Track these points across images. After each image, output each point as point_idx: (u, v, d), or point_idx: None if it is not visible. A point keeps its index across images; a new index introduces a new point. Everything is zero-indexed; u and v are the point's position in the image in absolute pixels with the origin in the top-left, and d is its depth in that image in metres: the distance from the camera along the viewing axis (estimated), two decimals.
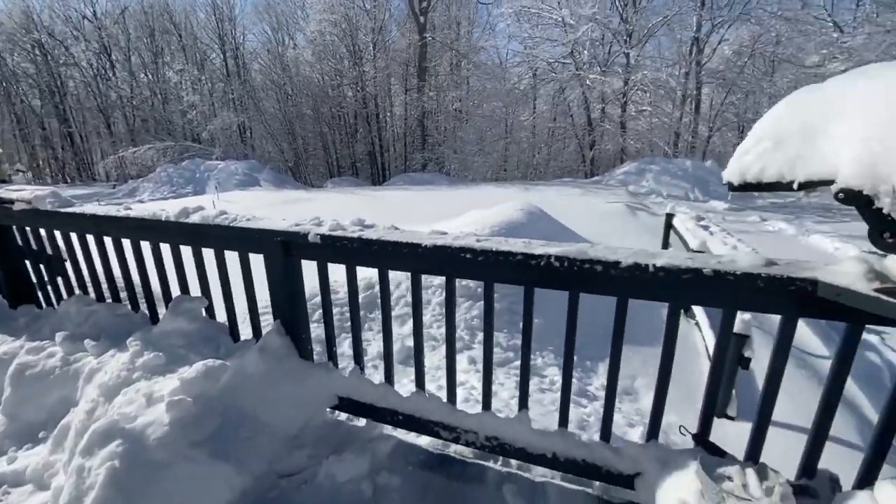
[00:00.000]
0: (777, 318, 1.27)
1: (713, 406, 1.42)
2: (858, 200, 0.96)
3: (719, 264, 1.20)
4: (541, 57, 19.44)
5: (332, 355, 2.01)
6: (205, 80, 25.85)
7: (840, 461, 1.42)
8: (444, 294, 3.96)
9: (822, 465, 1.41)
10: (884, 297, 0.98)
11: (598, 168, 20.35)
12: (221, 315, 2.25)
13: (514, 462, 1.91)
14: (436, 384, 2.61)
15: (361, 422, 2.06)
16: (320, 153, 25.67)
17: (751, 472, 1.13)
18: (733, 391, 2.93)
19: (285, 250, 1.84)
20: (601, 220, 9.15)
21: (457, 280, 1.61)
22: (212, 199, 10.89)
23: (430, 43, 22.06)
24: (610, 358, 1.50)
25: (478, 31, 25.46)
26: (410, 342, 3.22)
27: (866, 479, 1.29)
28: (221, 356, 2.04)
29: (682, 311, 4.60)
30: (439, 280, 3.98)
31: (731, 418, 2.88)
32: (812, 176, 1.06)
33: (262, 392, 1.94)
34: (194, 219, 2.03)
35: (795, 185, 1.10)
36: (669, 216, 5.92)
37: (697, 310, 4.13)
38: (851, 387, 3.55)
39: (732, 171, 1.21)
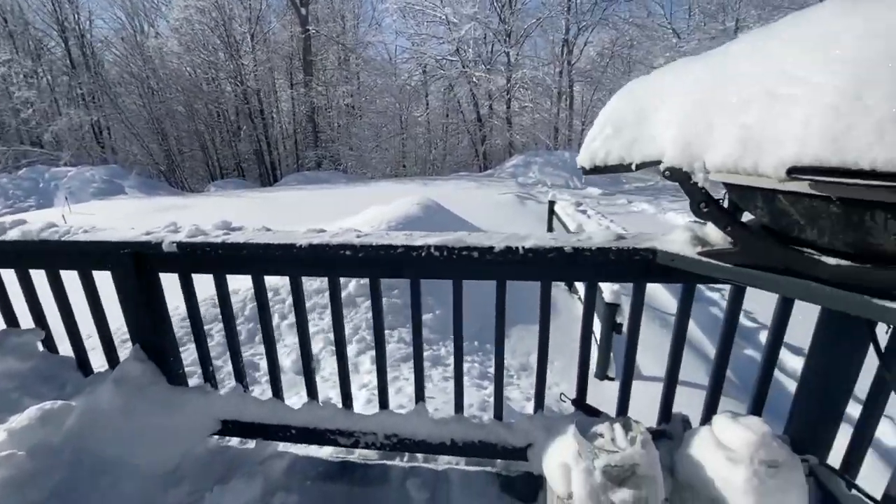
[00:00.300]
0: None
1: (586, 372, 1.55)
2: (680, 176, 1.11)
3: (578, 242, 1.31)
4: (428, 54, 19.75)
5: (209, 376, 1.81)
6: (42, 72, 21.67)
7: (696, 404, 1.65)
8: (342, 295, 3.84)
9: (679, 408, 1.63)
10: (704, 259, 1.14)
11: (491, 162, 21.34)
12: (66, 347, 1.90)
13: (419, 455, 1.92)
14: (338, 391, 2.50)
15: (251, 443, 1.90)
16: (198, 154, 23.16)
17: (618, 427, 1.25)
18: (611, 355, 3.28)
19: (137, 264, 1.59)
20: (495, 211, 9.63)
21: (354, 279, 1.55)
22: (62, 213, 9.18)
23: (314, 36, 21.10)
24: (495, 341, 1.55)
25: (364, 25, 25.00)
26: (316, 351, 3.08)
27: (708, 415, 1.52)
28: (67, 395, 1.72)
29: (567, 287, 5.04)
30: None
31: (612, 379, 3.22)
32: (645, 157, 1.19)
33: (123, 430, 1.68)
34: (12, 235, 1.67)
35: (633, 167, 1.23)
36: (551, 203, 6.43)
37: (579, 285, 4.54)
38: (702, 338, 4.20)
39: (584, 157, 1.31)
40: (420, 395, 1.69)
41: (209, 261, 1.53)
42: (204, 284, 1.75)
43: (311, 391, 1.77)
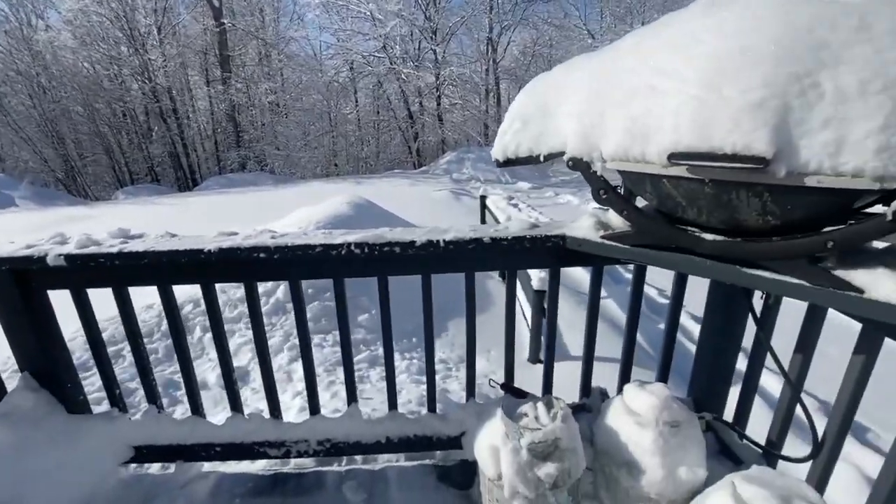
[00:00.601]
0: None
1: (512, 357, 1.62)
2: (581, 166, 1.18)
3: (496, 232, 1.36)
4: (355, 50, 19.34)
5: (116, 401, 1.65)
6: None
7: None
8: (270, 301, 3.66)
9: (605, 383, 1.74)
10: (607, 242, 1.23)
11: (425, 159, 21.41)
12: None
13: (358, 458, 1.89)
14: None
15: (171, 468, 1.76)
16: (102, 158, 20.93)
17: (541, 405, 1.32)
18: (542, 339, 3.43)
19: (19, 282, 1.41)
20: (430, 207, 9.67)
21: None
22: None
23: (230, 30, 19.83)
24: (424, 334, 1.57)
25: (285, 20, 23.90)
26: (246, 363, 2.91)
27: (622, 386, 1.63)
28: None
29: (501, 278, 5.20)
30: (261, 288, 3.65)
31: (542, 361, 3.37)
32: (551, 149, 1.26)
33: (17, 470, 1.48)
34: None
35: (542, 158, 1.30)
36: (483, 198, 6.59)
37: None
38: (622, 317, 4.51)
39: (497, 150, 1.36)
40: (352, 397, 1.66)
41: (106, 273, 1.39)
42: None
43: (236, 405, 1.68)
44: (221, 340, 1.57)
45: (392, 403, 1.67)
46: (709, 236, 1.03)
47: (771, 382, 2.98)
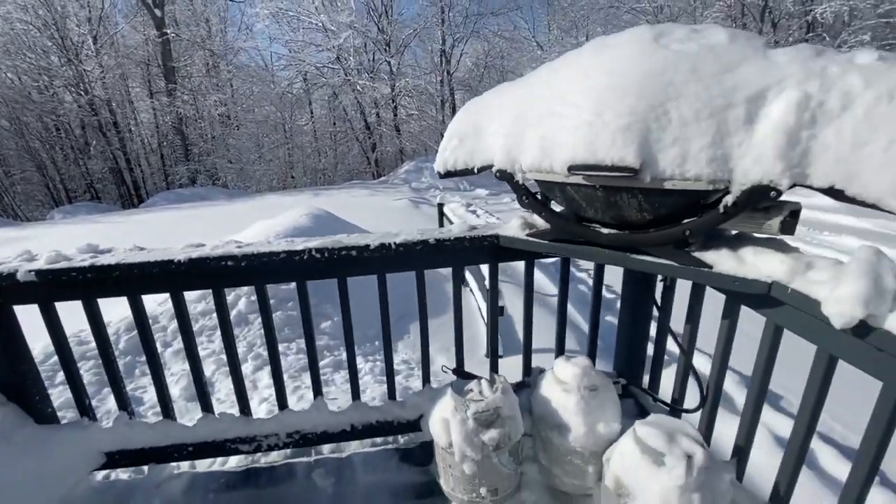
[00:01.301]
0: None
1: (461, 346, 1.83)
2: (506, 177, 1.41)
3: (440, 234, 1.57)
4: (308, 61, 19.24)
5: (85, 410, 1.72)
6: None
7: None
8: (233, 313, 3.69)
9: (543, 364, 1.97)
10: (531, 239, 1.47)
11: (384, 169, 21.50)
12: None
13: (327, 448, 2.03)
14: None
15: (144, 470, 1.83)
16: (34, 176, 19.56)
17: (484, 382, 1.53)
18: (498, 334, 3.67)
19: None
20: (390, 216, 9.80)
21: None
22: None
23: (174, 40, 19.18)
24: (382, 329, 1.74)
25: (233, 30, 23.40)
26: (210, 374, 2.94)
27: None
28: None
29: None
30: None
31: (501, 356, 3.61)
32: (483, 162, 1.49)
33: None
34: None
35: (476, 170, 1.53)
36: (440, 205, 6.83)
37: (469, 277, 4.94)
38: (572, 311, 4.85)
39: (438, 164, 1.58)
40: (318, 391, 1.81)
41: (76, 286, 1.48)
42: (72, 317, 1.66)
43: (206, 406, 1.78)
44: (192, 346, 1.68)
45: (355, 394, 1.83)
46: (605, 230, 1.29)
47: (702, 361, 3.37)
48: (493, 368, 1.87)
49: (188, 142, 20.26)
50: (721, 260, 1.12)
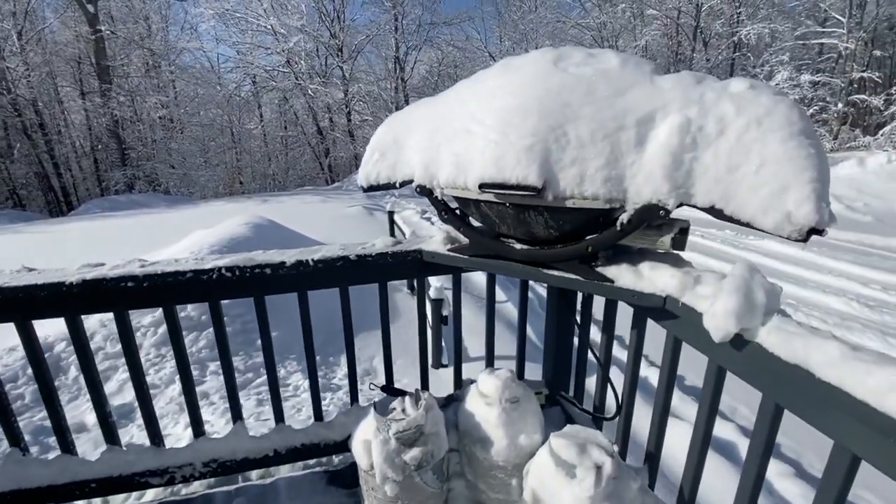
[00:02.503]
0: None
1: (390, 361, 1.80)
2: (426, 192, 1.41)
3: (363, 250, 1.53)
4: (257, 64, 18.64)
5: None
6: None
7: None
8: (160, 332, 3.47)
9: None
10: (452, 254, 1.47)
11: (338, 174, 21.13)
12: None
13: (254, 474, 1.92)
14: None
15: None
16: None
17: (408, 399, 1.50)
18: (443, 344, 3.67)
19: None
20: (341, 224, 9.62)
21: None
22: None
23: (108, 38, 18.03)
24: (304, 348, 1.68)
25: (175, 29, 22.31)
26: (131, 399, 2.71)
27: None
28: None
29: (409, 290, 5.39)
30: (149, 319, 3.46)
31: (445, 366, 3.61)
32: (405, 177, 1.47)
33: None
34: None
35: (398, 184, 1.51)
36: (391, 213, 6.77)
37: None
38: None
39: (361, 177, 1.55)
40: (237, 415, 1.71)
41: None
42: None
43: (111, 437, 1.64)
44: (93, 375, 1.54)
45: (278, 417, 1.76)
46: (518, 246, 1.31)
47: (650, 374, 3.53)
48: (424, 384, 1.85)
49: (125, 145, 19.01)
50: (622, 274, 1.16)
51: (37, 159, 17.96)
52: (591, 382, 1.83)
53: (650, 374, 3.63)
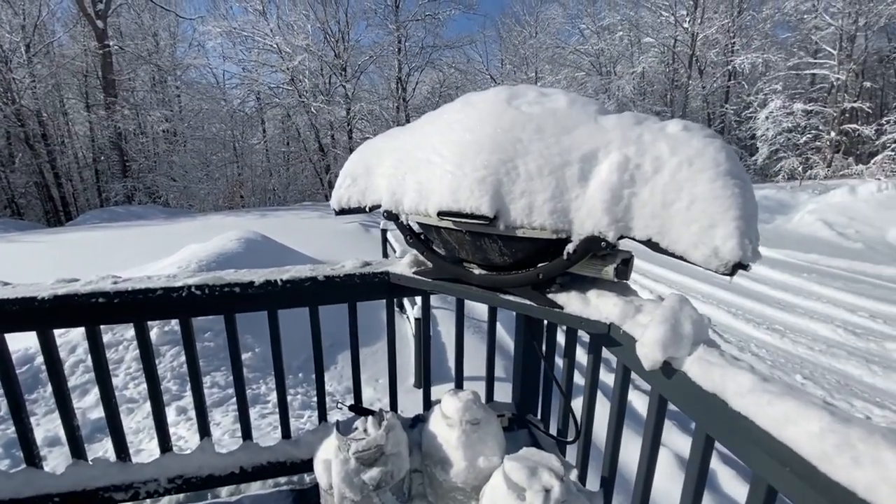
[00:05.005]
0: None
1: (359, 382, 1.82)
2: (392, 217, 1.46)
3: (332, 271, 1.58)
4: (261, 81, 19.00)
5: None
6: None
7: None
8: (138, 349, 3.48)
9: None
10: (418, 277, 1.52)
11: None
12: None
13: (224, 491, 1.93)
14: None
15: None
16: None
17: (371, 419, 1.53)
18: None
19: None
20: (336, 240, 9.69)
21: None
22: None
23: (116, 52, 18.42)
24: (274, 367, 1.71)
25: (183, 46, 22.80)
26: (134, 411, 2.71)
27: None
28: None
29: (398, 308, 5.42)
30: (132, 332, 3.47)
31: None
32: (374, 202, 1.53)
33: None
34: None
35: (368, 209, 1.57)
36: (384, 231, 6.83)
37: (407, 305, 4.94)
38: (508, 341, 4.93)
39: (334, 201, 1.61)
40: (205, 431, 1.73)
41: None
42: None
43: (78, 451, 1.66)
44: (61, 387, 1.57)
45: (246, 434, 1.77)
46: (477, 271, 1.36)
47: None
48: (393, 403, 1.87)
49: (127, 158, 19.22)
50: (571, 301, 1.21)
51: (37, 169, 18.14)
52: (558, 404, 1.86)
53: (631, 397, 3.63)
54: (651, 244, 1.04)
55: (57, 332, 1.53)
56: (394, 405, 1.88)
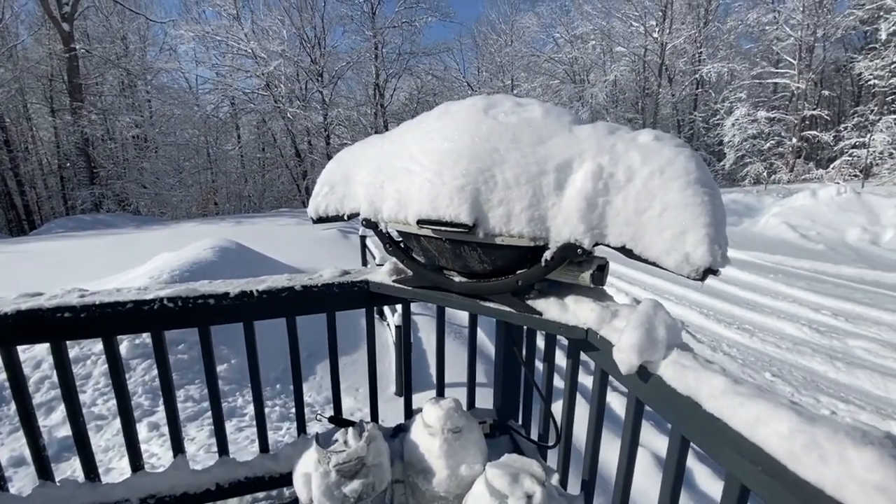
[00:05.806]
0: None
1: (339, 393, 1.80)
2: (371, 225, 1.45)
3: (309, 280, 1.56)
4: (235, 86, 18.67)
5: None
6: None
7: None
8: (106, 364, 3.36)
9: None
10: (397, 285, 1.51)
11: None
12: None
13: None
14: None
15: None
16: None
17: (351, 431, 1.51)
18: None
19: None
20: (314, 247, 9.56)
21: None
22: None
23: (83, 56, 17.82)
24: (250, 378, 1.67)
25: (154, 50, 22.23)
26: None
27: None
28: None
29: (378, 315, 5.37)
30: (100, 346, 3.35)
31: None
32: (352, 210, 1.52)
33: None
34: None
35: (346, 217, 1.56)
36: (363, 238, 6.79)
37: (388, 312, 4.90)
38: (483, 338, 4.92)
39: (311, 210, 1.59)
40: (179, 448, 1.68)
41: None
42: None
43: (44, 471, 1.58)
44: (26, 405, 1.49)
45: (222, 449, 1.72)
46: (457, 278, 1.36)
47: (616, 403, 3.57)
48: (374, 413, 1.85)
49: (94, 164, 18.54)
50: (549, 307, 1.23)
51: None
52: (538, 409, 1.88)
53: (610, 399, 3.69)
54: (625, 251, 1.06)
55: (21, 347, 1.46)
56: (375, 415, 1.86)
